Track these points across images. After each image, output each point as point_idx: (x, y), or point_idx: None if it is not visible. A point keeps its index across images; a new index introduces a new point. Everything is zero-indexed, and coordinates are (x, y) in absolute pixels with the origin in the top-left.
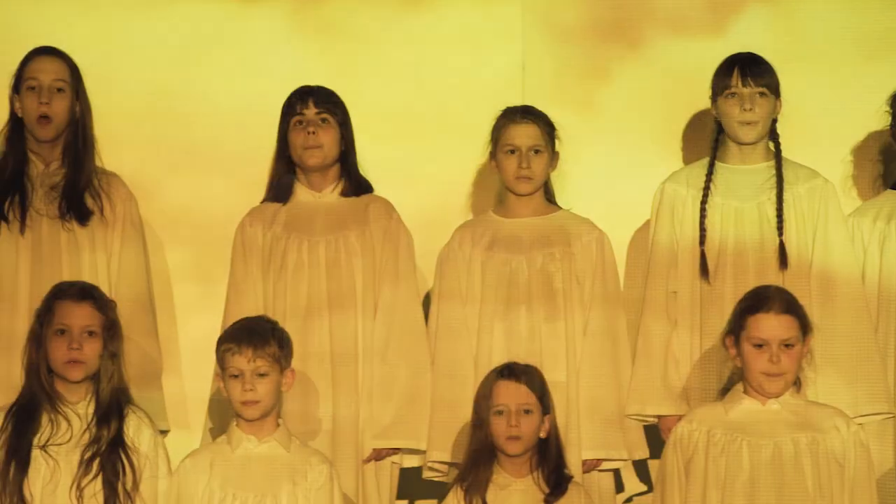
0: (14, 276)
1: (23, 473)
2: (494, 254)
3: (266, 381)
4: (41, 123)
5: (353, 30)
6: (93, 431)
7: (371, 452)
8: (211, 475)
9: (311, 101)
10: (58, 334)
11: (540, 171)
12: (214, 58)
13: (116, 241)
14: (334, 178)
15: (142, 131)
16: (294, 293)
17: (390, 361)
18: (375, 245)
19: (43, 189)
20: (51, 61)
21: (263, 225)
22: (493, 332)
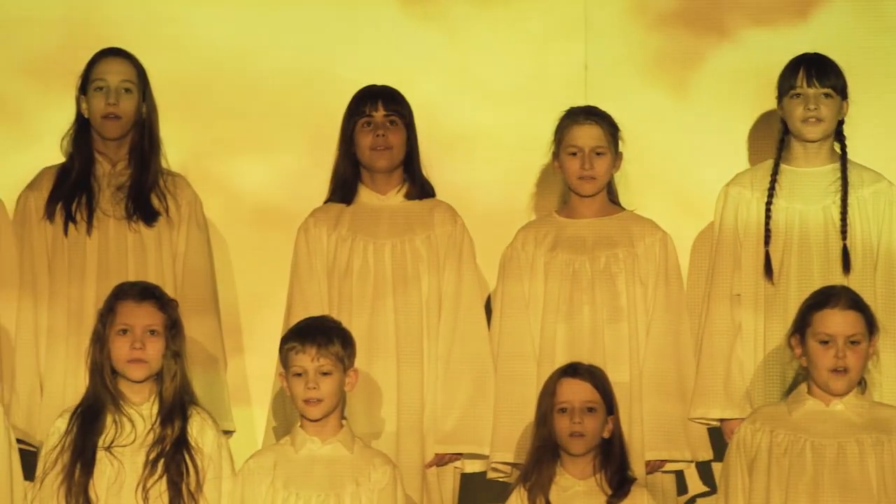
0: (81, 277)
1: (88, 475)
2: (557, 254)
3: (329, 380)
4: (108, 123)
5: (415, 31)
6: (157, 431)
7: (434, 457)
8: (274, 476)
9: (380, 102)
10: (120, 334)
11: (603, 172)
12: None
13: (182, 242)
14: (399, 180)
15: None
16: (359, 296)
17: (454, 365)
18: (440, 249)
19: (110, 190)
20: (118, 62)
21: (328, 226)
22: (556, 333)
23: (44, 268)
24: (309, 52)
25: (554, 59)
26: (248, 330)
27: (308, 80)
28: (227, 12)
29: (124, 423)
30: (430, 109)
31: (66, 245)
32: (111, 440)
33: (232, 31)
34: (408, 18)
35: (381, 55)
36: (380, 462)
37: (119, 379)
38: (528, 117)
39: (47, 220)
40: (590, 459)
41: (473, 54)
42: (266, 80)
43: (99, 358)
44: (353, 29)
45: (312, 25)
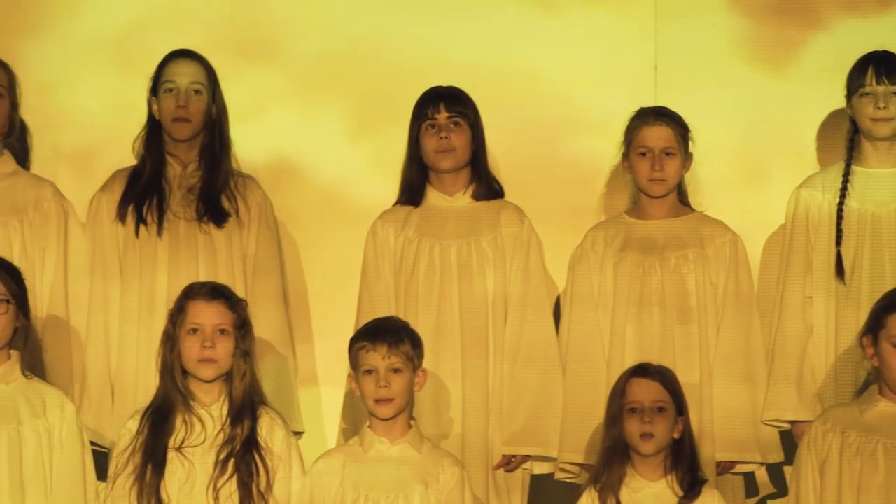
0: (152, 279)
1: (159, 475)
2: (627, 255)
3: (399, 379)
4: (178, 125)
5: (486, 30)
6: (227, 432)
7: (501, 459)
8: (343, 476)
9: (443, 104)
10: (190, 334)
11: (673, 173)
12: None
13: (252, 243)
14: (466, 181)
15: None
16: (426, 297)
17: (520, 366)
18: (506, 250)
19: (181, 191)
20: (188, 64)
21: (395, 228)
22: (626, 334)
23: (115, 270)
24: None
25: (624, 60)
26: (318, 331)
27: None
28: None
29: (194, 423)
30: (500, 110)
31: (137, 246)
32: (182, 440)
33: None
34: (474, 22)
35: (446, 56)
36: (448, 463)
37: (189, 379)
38: (598, 117)
39: (119, 222)
40: (660, 460)
41: (543, 55)
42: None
43: (169, 358)
44: (422, 30)
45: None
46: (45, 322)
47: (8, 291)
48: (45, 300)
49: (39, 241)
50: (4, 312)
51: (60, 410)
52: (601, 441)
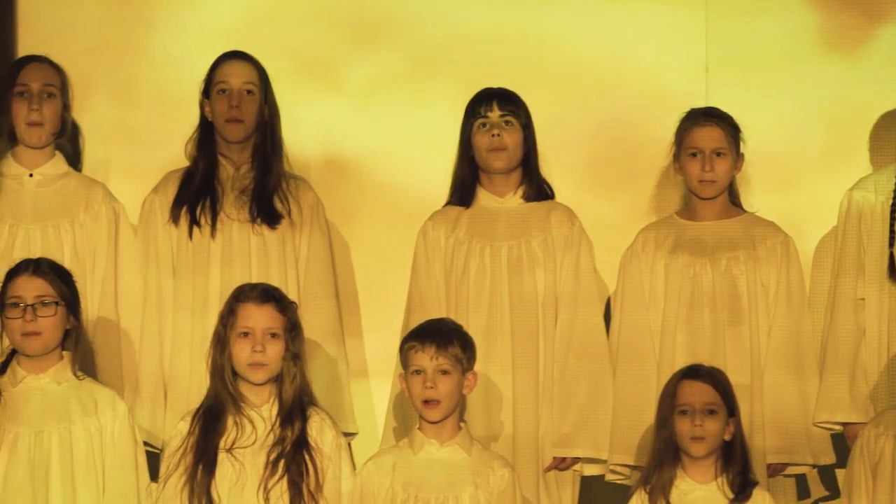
0: (205, 281)
1: (210, 476)
2: (678, 257)
3: (447, 380)
4: (231, 126)
5: (535, 30)
6: (277, 433)
7: (552, 460)
8: (393, 478)
9: (496, 103)
10: (241, 336)
11: (723, 174)
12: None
13: (304, 245)
14: (516, 182)
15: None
16: (476, 298)
17: (571, 366)
18: (557, 251)
19: (233, 193)
20: (240, 65)
21: (446, 229)
22: (677, 336)
23: (168, 271)
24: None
25: (675, 60)
26: (369, 331)
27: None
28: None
29: (245, 424)
30: (549, 110)
31: (190, 248)
32: (232, 442)
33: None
34: (523, 22)
35: (498, 57)
36: (498, 465)
37: (240, 381)
38: (648, 118)
39: (172, 224)
40: (711, 462)
41: (593, 56)
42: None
43: (220, 360)
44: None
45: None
46: (95, 323)
47: (58, 294)
48: (96, 302)
49: (90, 243)
50: (54, 315)
51: (112, 410)
52: (651, 443)
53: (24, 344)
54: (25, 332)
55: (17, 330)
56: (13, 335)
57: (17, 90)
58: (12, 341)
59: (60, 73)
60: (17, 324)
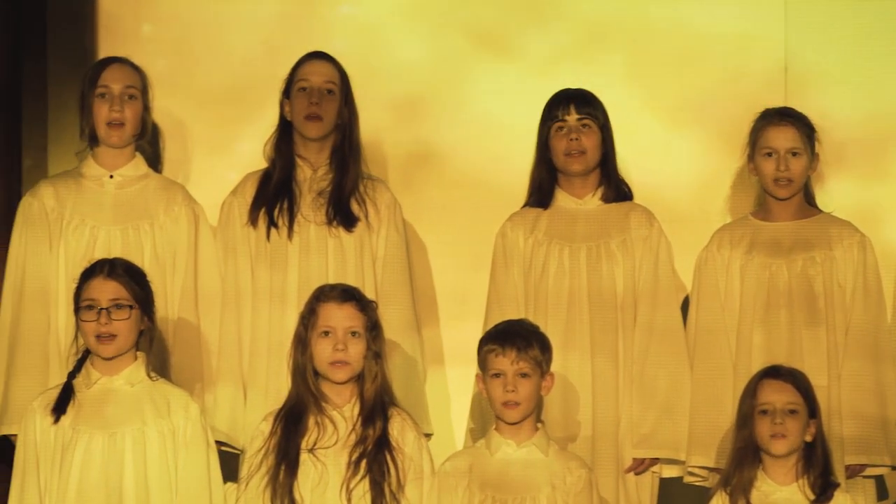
0: (283, 282)
1: (292, 476)
2: (753, 257)
3: (527, 383)
4: (310, 123)
5: (610, 30)
6: (358, 432)
7: (631, 462)
8: (470, 479)
9: (573, 106)
10: (322, 336)
11: (798, 174)
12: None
13: (381, 247)
14: (595, 183)
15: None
16: (555, 299)
17: (650, 368)
18: (636, 252)
19: (311, 195)
20: (322, 65)
21: (524, 230)
22: (753, 337)
23: (247, 273)
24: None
25: (753, 61)
26: (447, 333)
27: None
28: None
29: (326, 424)
30: (629, 110)
31: (268, 250)
32: (314, 442)
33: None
34: (606, 16)
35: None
36: (575, 465)
37: (321, 380)
38: (725, 118)
39: (251, 226)
40: (792, 464)
41: (671, 56)
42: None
43: (301, 360)
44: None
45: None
46: (175, 325)
47: (132, 296)
48: (176, 303)
49: (170, 245)
50: (128, 317)
51: (185, 411)
52: (732, 443)
53: (98, 346)
54: (100, 334)
55: (92, 332)
56: (88, 337)
57: (99, 91)
58: (87, 343)
59: (141, 74)
60: (92, 326)
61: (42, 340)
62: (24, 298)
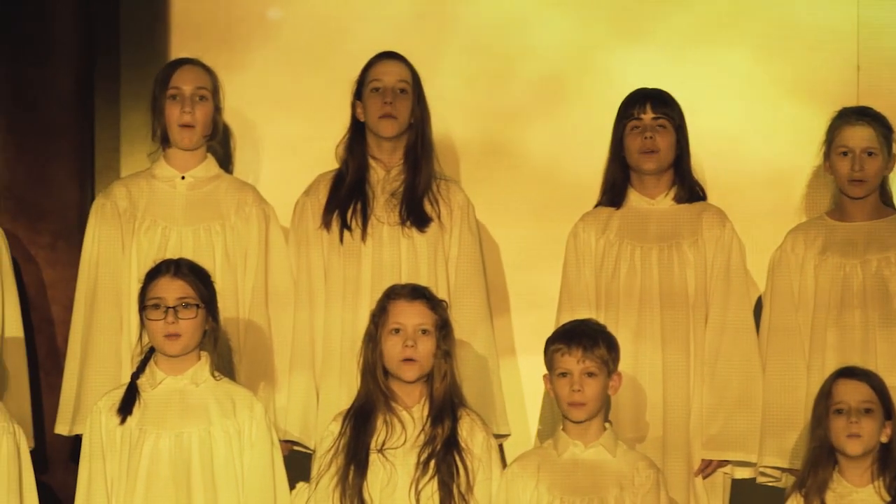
0: (356, 284)
1: (362, 477)
2: (828, 258)
3: (594, 382)
4: (384, 122)
5: (683, 31)
6: (427, 432)
7: (701, 463)
8: (538, 479)
9: (649, 105)
10: (392, 333)
11: (874, 174)
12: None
13: (454, 247)
14: (668, 183)
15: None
16: (627, 299)
17: (721, 368)
18: (708, 253)
19: (384, 196)
20: (394, 64)
21: (597, 230)
22: (827, 337)
23: (320, 275)
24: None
25: (826, 60)
26: (519, 332)
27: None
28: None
29: (395, 424)
30: (701, 110)
31: (341, 252)
32: (383, 442)
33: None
34: (678, 18)
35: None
36: (643, 466)
37: (391, 380)
38: (799, 117)
39: (324, 228)
40: (868, 465)
41: (744, 55)
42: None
43: (371, 358)
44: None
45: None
46: (246, 325)
47: (198, 296)
48: (247, 304)
49: (241, 245)
50: (194, 317)
51: (250, 411)
52: (806, 444)
53: (165, 345)
54: (167, 333)
55: (160, 331)
56: (155, 336)
57: (170, 93)
58: (154, 342)
59: (212, 75)
60: (159, 325)
61: (115, 340)
62: (96, 299)
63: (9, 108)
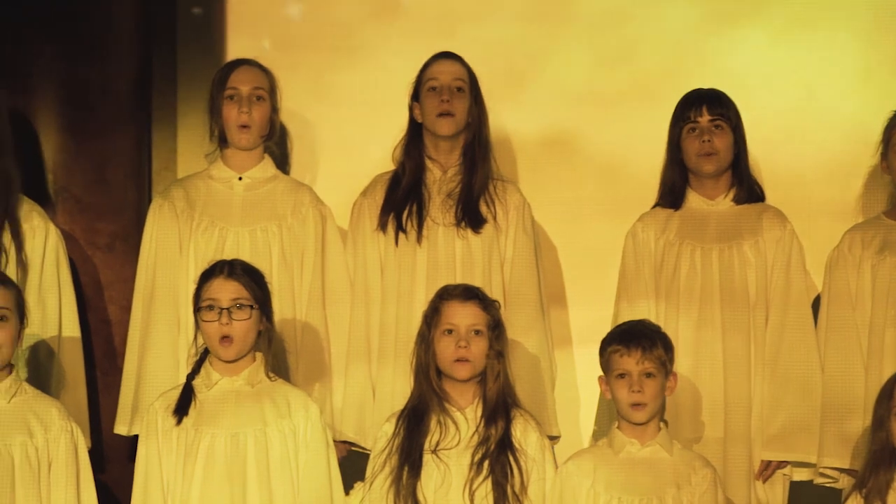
0: (410, 285)
1: (416, 477)
2: (885, 257)
3: (652, 383)
4: (442, 120)
5: (744, 33)
6: (481, 433)
7: (760, 464)
8: (594, 478)
9: (705, 107)
10: (445, 334)
11: None
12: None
13: (509, 248)
14: (727, 184)
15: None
16: (687, 300)
17: (780, 369)
18: (768, 254)
19: (440, 197)
20: (451, 63)
21: (656, 230)
22: (885, 337)
23: (376, 276)
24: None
25: (883, 57)
26: (577, 333)
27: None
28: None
29: (448, 425)
30: (756, 111)
31: (396, 254)
32: (437, 442)
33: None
34: (739, 20)
35: (707, 60)
36: (700, 465)
37: (444, 380)
38: (856, 117)
39: (380, 230)
40: None
41: (798, 54)
42: None
43: (424, 358)
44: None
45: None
46: (303, 326)
47: (252, 297)
48: (304, 305)
49: (297, 246)
50: (248, 318)
51: (305, 411)
52: (867, 445)
53: (219, 350)
54: (222, 335)
55: (214, 333)
56: (210, 338)
57: (228, 93)
58: (208, 343)
59: (269, 76)
60: (213, 326)
61: (172, 341)
62: (154, 299)
63: (67, 109)
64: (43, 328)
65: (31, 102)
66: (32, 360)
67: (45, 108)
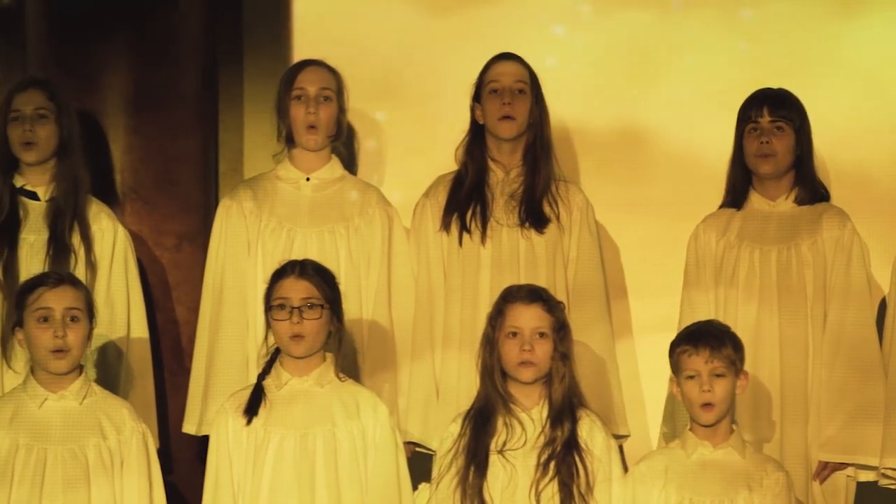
0: (475, 285)
1: (482, 478)
2: None
3: (722, 383)
4: (503, 123)
5: (798, 33)
6: (547, 434)
7: (818, 465)
8: (666, 480)
9: (766, 108)
10: (509, 336)
11: None
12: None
13: (573, 249)
14: (789, 185)
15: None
16: (745, 301)
17: (840, 370)
18: (827, 254)
19: (503, 198)
20: (512, 65)
21: (717, 232)
22: None
23: (440, 277)
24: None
25: None
26: (639, 334)
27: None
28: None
29: (514, 426)
30: (822, 108)
31: (460, 255)
32: (503, 443)
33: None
34: (795, 20)
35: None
36: (772, 468)
37: (509, 382)
38: None
39: (443, 230)
40: None
41: (857, 54)
42: None
43: (489, 361)
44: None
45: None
46: (370, 327)
47: (323, 296)
48: (370, 305)
49: (365, 247)
50: (319, 317)
51: (374, 412)
52: None
53: (290, 346)
54: (292, 334)
55: (285, 332)
56: (281, 337)
57: (295, 94)
58: (279, 342)
59: (336, 76)
60: (284, 325)
61: (241, 341)
62: (223, 300)
63: (134, 111)
64: (111, 329)
65: (100, 104)
66: (101, 361)
67: (114, 110)
